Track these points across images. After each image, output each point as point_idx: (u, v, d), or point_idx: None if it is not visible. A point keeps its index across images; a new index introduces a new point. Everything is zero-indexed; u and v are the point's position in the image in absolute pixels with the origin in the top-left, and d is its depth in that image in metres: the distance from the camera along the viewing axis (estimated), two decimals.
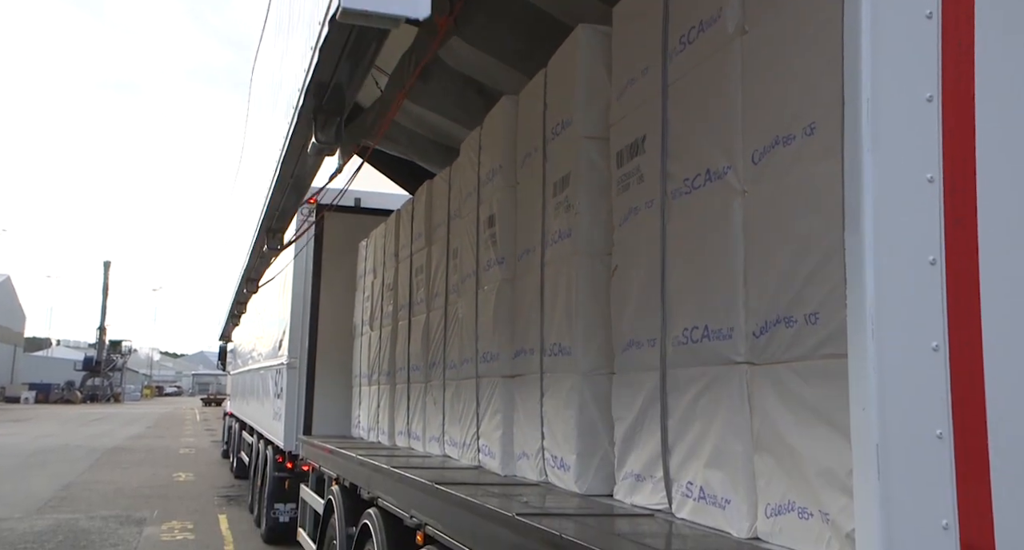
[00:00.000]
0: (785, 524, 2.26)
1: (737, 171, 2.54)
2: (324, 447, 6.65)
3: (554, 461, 3.61)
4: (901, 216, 1.44)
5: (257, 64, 5.35)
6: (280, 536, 9.75)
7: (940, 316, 1.44)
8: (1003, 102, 1.51)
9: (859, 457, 1.41)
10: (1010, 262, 1.49)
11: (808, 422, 2.18)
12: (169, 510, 12.46)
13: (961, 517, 1.40)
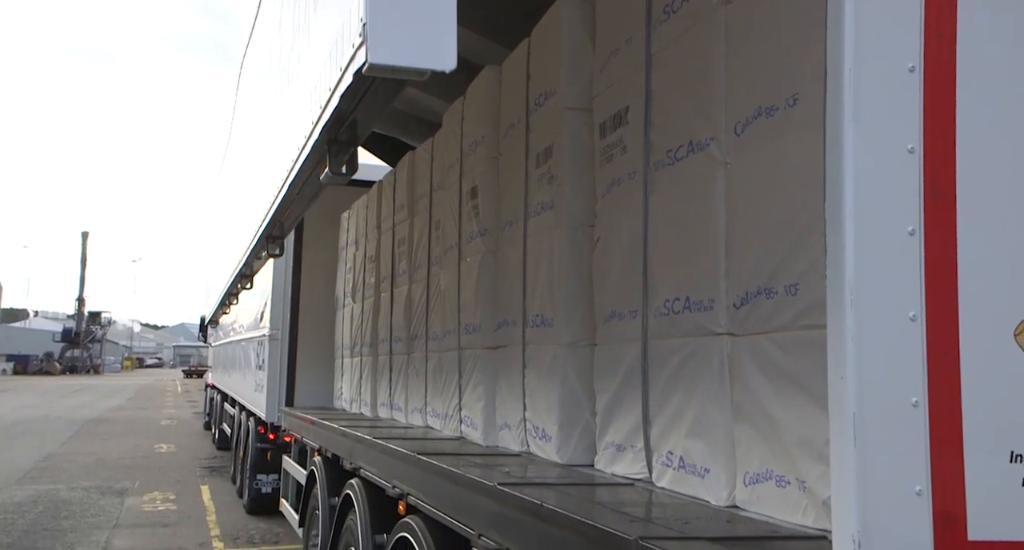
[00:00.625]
0: (763, 492, 2.30)
1: (720, 142, 2.54)
2: (306, 418, 6.66)
3: (536, 432, 3.64)
4: (881, 187, 1.45)
5: (252, 43, 5.10)
6: (263, 507, 9.80)
7: (918, 287, 1.45)
8: (984, 73, 1.52)
9: (836, 425, 1.43)
10: (987, 234, 1.50)
11: (787, 392, 2.20)
12: (151, 481, 12.47)
13: (934, 483, 1.42)
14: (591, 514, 2.31)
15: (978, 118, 1.51)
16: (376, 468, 4.43)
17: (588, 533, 2.14)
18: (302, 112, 2.41)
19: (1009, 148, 1.54)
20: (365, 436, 4.72)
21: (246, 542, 8.72)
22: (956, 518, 1.44)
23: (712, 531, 2.17)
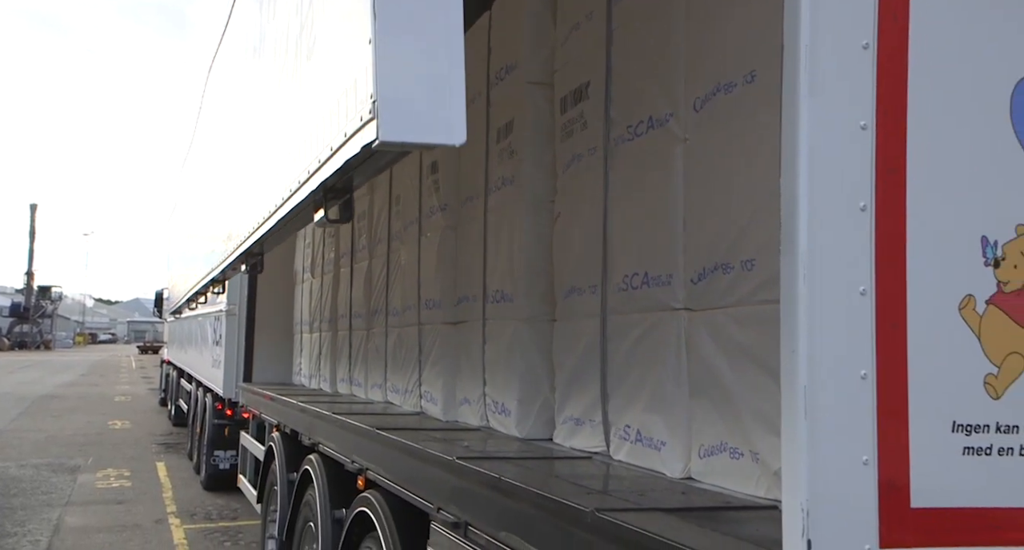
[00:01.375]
0: (717, 464, 2.34)
1: (679, 118, 2.55)
2: (265, 394, 6.61)
3: (495, 406, 3.66)
4: (834, 163, 1.46)
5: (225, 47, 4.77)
6: (220, 483, 9.73)
7: (868, 261, 1.48)
8: (935, 52, 1.54)
9: (787, 398, 1.46)
10: (935, 210, 1.53)
11: (742, 366, 2.24)
12: (104, 458, 12.29)
13: (880, 453, 1.46)
14: (549, 487, 2.33)
15: (928, 96, 1.54)
16: (335, 443, 4.42)
17: (546, 505, 2.16)
18: (295, 155, 2.29)
19: (957, 126, 1.57)
20: (324, 412, 4.70)
21: (203, 518, 8.67)
22: (900, 486, 1.48)
23: (667, 503, 2.21)
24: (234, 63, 3.98)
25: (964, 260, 1.55)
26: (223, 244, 4.43)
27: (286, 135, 2.42)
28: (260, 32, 3.19)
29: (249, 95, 3.37)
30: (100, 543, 7.54)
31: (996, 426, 1.54)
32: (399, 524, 3.37)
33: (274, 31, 2.80)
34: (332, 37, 1.84)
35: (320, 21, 1.99)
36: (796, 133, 1.45)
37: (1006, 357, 1.56)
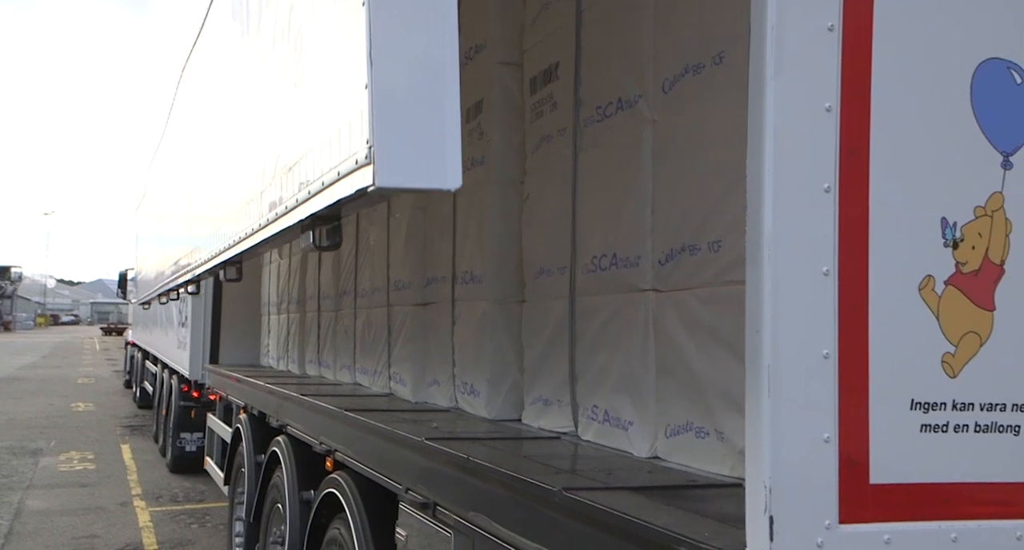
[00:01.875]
0: (683, 443, 2.37)
1: (648, 100, 2.56)
2: (232, 376, 6.56)
3: (465, 387, 3.67)
4: (800, 144, 1.48)
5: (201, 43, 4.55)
6: (187, 465, 9.67)
7: (832, 242, 1.50)
8: (899, 35, 1.56)
9: (751, 377, 1.48)
10: (896, 191, 1.56)
11: (708, 347, 2.27)
12: (67, 440, 12.14)
13: (841, 430, 1.49)
14: (517, 467, 2.35)
15: (892, 78, 1.55)
16: (303, 425, 4.40)
17: (514, 485, 2.18)
18: (281, 179, 2.19)
19: (920, 108, 1.59)
20: (292, 393, 4.68)
21: (169, 501, 8.61)
22: (859, 463, 1.51)
23: (633, 481, 2.23)
24: (211, 65, 3.82)
25: (924, 241, 1.58)
26: (196, 253, 4.29)
27: (271, 155, 2.32)
28: (240, 44, 3.05)
29: (230, 103, 3.22)
30: (63, 526, 7.46)
31: (952, 404, 1.58)
32: (368, 505, 3.38)
33: (257, 48, 2.66)
34: (324, 73, 1.77)
35: (311, 54, 1.91)
36: (762, 114, 1.46)
37: (963, 336, 1.59)
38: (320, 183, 1.69)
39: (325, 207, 1.72)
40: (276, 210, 2.17)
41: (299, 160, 1.91)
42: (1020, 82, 1.66)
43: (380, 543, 3.20)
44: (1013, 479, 1.64)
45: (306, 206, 1.84)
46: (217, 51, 3.35)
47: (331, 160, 1.62)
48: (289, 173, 2.02)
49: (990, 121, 1.62)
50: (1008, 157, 1.64)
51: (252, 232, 2.54)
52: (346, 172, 1.51)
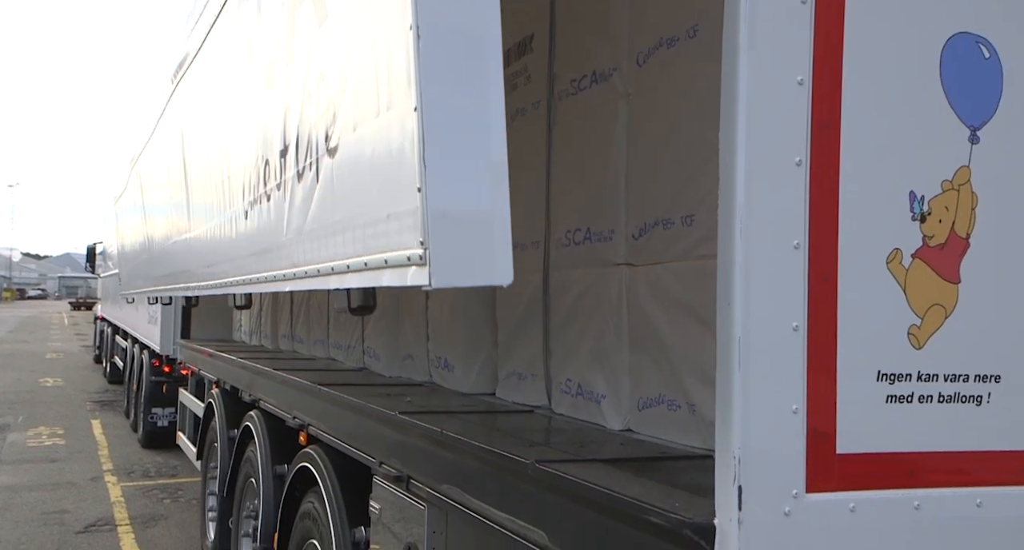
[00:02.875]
0: (656, 416, 2.40)
1: (622, 73, 2.55)
2: (204, 351, 6.51)
3: (439, 362, 3.67)
4: (771, 118, 1.48)
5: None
6: (159, 441, 9.62)
7: (802, 216, 1.52)
8: (871, 7, 1.57)
9: (722, 350, 1.50)
10: (867, 165, 1.57)
11: (680, 320, 2.28)
12: (36, 416, 12.01)
13: (809, 402, 1.52)
14: (490, 440, 2.36)
15: (863, 52, 1.56)
16: (276, 399, 4.39)
17: (487, 458, 2.19)
18: (312, 243, 2.09)
19: (890, 82, 1.60)
20: (265, 368, 4.66)
21: (141, 476, 8.57)
22: (827, 434, 1.54)
23: (606, 453, 2.25)
24: (226, 86, 3.29)
25: (893, 215, 1.60)
26: (197, 272, 4.04)
27: (297, 215, 2.19)
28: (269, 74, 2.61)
29: (252, 144, 2.78)
30: (33, 502, 7.40)
31: (918, 375, 1.61)
32: (341, 479, 3.39)
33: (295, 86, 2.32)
34: (371, 159, 1.70)
35: (351, 144, 1.81)
36: (734, 88, 1.47)
37: (929, 309, 1.62)
38: (362, 263, 1.68)
39: (368, 286, 1.71)
40: (305, 269, 2.10)
41: (336, 233, 1.85)
42: (988, 56, 1.68)
43: (354, 516, 3.22)
44: (974, 448, 1.68)
45: (344, 278, 1.82)
46: (234, 74, 3.06)
47: (376, 243, 1.61)
48: (322, 241, 1.96)
49: (958, 96, 1.64)
50: (975, 131, 1.66)
51: (270, 279, 2.43)
52: (396, 263, 1.50)
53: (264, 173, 2.44)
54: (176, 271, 4.46)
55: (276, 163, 2.31)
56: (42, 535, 6.40)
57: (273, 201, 2.35)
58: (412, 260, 1.42)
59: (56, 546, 6.16)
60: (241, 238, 2.79)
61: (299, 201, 2.11)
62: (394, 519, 2.84)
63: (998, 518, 1.67)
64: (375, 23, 1.59)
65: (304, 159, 2.05)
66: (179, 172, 4.03)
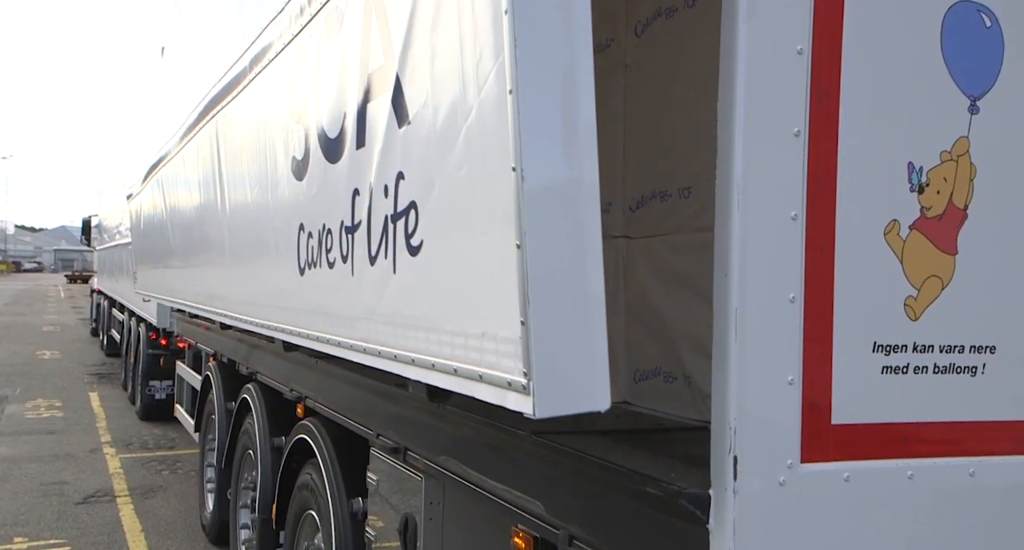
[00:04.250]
0: (652, 388, 2.41)
1: (620, 43, 2.52)
2: (201, 324, 6.50)
3: None
4: (770, 88, 1.47)
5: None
6: (156, 413, 9.65)
7: (800, 186, 1.51)
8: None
9: (719, 321, 1.50)
10: (865, 135, 1.56)
11: (677, 293, 2.29)
12: (33, 388, 12.04)
13: (805, 373, 1.52)
14: (487, 411, 2.37)
15: (863, 21, 1.54)
16: (273, 372, 4.39)
17: (484, 430, 2.20)
18: (387, 328, 2.07)
19: (890, 52, 1.59)
20: (262, 341, 4.66)
21: (140, 447, 8.61)
22: (822, 404, 1.55)
23: (602, 425, 2.26)
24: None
25: (891, 186, 1.59)
26: (232, 306, 3.92)
27: (372, 295, 2.13)
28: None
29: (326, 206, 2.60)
30: (32, 473, 7.44)
31: (913, 346, 1.61)
32: (338, 450, 3.40)
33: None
34: (460, 280, 1.69)
35: (438, 253, 1.79)
36: (733, 58, 1.45)
37: (925, 280, 1.62)
38: (451, 368, 1.69)
39: (457, 390, 1.71)
40: (379, 349, 2.08)
41: (417, 328, 1.85)
42: (990, 25, 1.66)
43: (351, 488, 3.24)
44: (968, 418, 1.69)
45: (427, 373, 1.81)
46: (287, 129, 2.89)
47: (467, 355, 1.63)
48: (400, 329, 1.95)
49: (959, 65, 1.62)
50: (975, 102, 1.65)
51: (335, 343, 2.39)
52: (493, 382, 1.52)
53: (324, 240, 2.43)
54: (210, 294, 4.39)
55: (340, 236, 2.29)
56: (41, 506, 6.45)
57: (336, 271, 2.33)
58: (514, 386, 1.45)
59: (56, 517, 6.21)
60: (294, 292, 2.76)
61: (370, 283, 2.09)
62: (391, 490, 2.86)
63: (991, 487, 1.69)
64: (475, 157, 1.57)
65: (377, 246, 2.03)
66: (215, 201, 3.93)
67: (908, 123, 1.60)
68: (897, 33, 1.58)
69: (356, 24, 2.08)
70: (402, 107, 1.86)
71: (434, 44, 1.68)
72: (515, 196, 1.39)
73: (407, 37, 1.80)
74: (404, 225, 1.88)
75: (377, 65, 1.98)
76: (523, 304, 1.39)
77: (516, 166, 1.38)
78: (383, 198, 1.99)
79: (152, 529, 6.03)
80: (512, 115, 1.38)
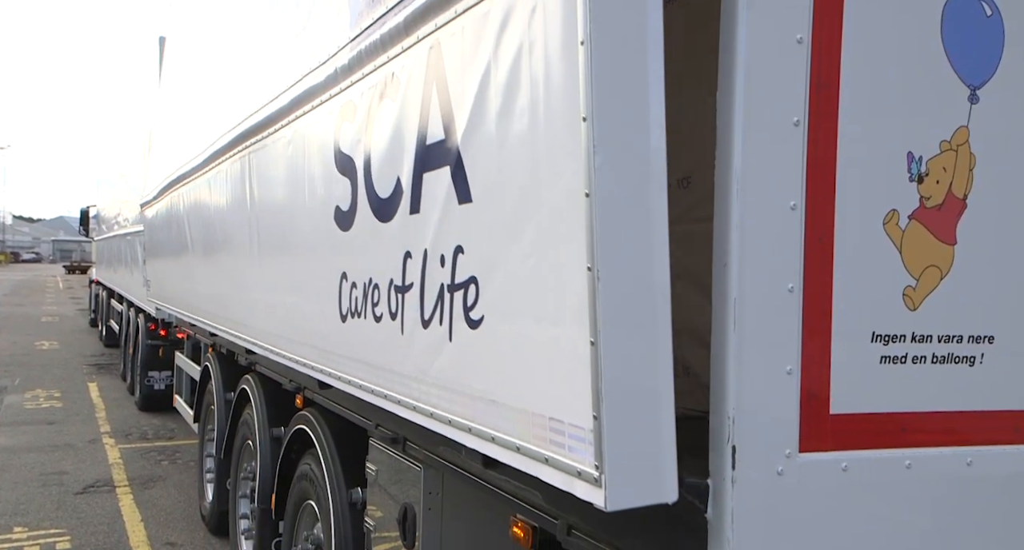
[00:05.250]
0: None
1: None
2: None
3: None
4: (770, 77, 1.47)
5: None
6: (156, 403, 9.67)
7: (799, 176, 1.51)
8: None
9: (717, 311, 1.50)
10: (864, 125, 1.56)
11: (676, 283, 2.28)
12: (33, 378, 12.05)
13: (803, 363, 1.53)
14: None
15: (864, 10, 1.54)
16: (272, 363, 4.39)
17: None
18: (444, 393, 2.05)
19: (890, 41, 1.58)
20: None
21: (139, 438, 8.63)
22: (820, 394, 1.55)
23: None
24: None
25: (890, 175, 1.59)
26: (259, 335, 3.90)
27: (417, 351, 2.12)
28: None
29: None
30: (31, 463, 7.46)
31: (912, 336, 1.62)
32: (338, 441, 3.41)
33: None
34: (524, 362, 1.68)
35: (501, 332, 1.77)
36: (733, 47, 1.44)
37: (924, 270, 1.62)
38: (513, 445, 1.69)
39: (518, 467, 1.71)
40: (431, 411, 2.07)
41: (475, 398, 1.84)
42: (990, 14, 1.65)
43: (351, 478, 3.24)
44: (966, 408, 1.69)
45: (487, 445, 1.80)
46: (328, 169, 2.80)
47: (531, 434, 1.63)
48: (456, 396, 1.94)
49: (959, 54, 1.62)
50: (975, 91, 1.64)
51: (381, 395, 2.38)
52: (561, 468, 1.53)
53: (370, 293, 2.41)
54: (234, 319, 4.38)
55: (389, 293, 2.27)
56: (41, 496, 6.46)
57: (384, 326, 2.31)
58: (584, 476, 1.46)
59: (55, 506, 6.22)
60: (334, 337, 2.75)
61: (423, 346, 2.07)
62: (390, 480, 2.86)
63: (988, 476, 1.70)
64: (546, 251, 1.56)
65: (431, 311, 2.02)
66: (245, 233, 3.89)
67: (908, 112, 1.60)
68: (897, 22, 1.58)
69: (415, 94, 2.05)
70: (464, 185, 1.85)
71: (503, 133, 1.67)
72: (589, 295, 1.41)
73: (472, 118, 1.78)
74: (463, 297, 1.87)
75: (436, 139, 1.96)
76: (596, 399, 1.41)
77: (592, 267, 1.40)
78: (439, 267, 1.97)
79: (151, 519, 6.04)
80: (588, 218, 1.40)
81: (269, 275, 3.62)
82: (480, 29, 1.73)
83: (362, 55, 2.38)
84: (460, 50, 1.83)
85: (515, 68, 1.61)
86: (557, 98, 1.48)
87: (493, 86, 1.70)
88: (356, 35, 2.46)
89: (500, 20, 1.65)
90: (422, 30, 2.00)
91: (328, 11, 2.78)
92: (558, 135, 1.48)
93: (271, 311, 3.59)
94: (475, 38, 1.75)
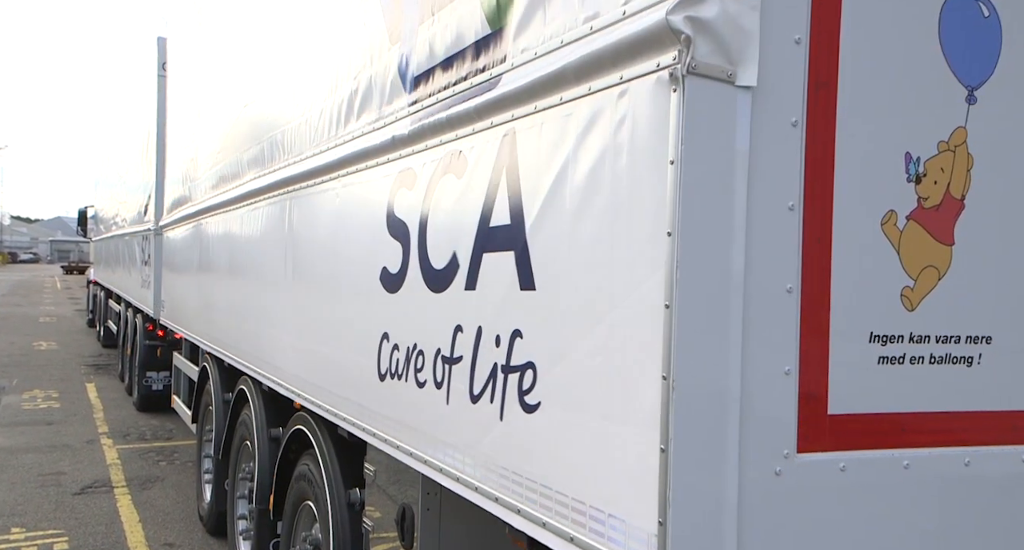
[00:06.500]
0: None
1: None
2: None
3: None
4: (767, 76, 1.47)
5: None
6: (154, 404, 9.65)
7: (798, 177, 1.51)
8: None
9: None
10: (863, 126, 1.56)
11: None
12: (30, 379, 12.03)
13: (801, 364, 1.53)
14: None
15: (862, 10, 1.54)
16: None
17: None
18: (494, 473, 2.02)
19: (888, 42, 1.58)
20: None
21: (137, 438, 8.62)
22: (818, 395, 1.55)
23: None
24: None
25: (888, 176, 1.59)
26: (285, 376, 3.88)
27: (464, 424, 2.11)
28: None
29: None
30: (29, 463, 7.45)
31: (910, 336, 1.62)
32: (336, 441, 3.41)
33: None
34: (582, 453, 1.67)
35: (558, 420, 1.77)
36: None
37: (922, 270, 1.62)
38: (567, 534, 1.68)
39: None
40: (476, 484, 2.04)
41: (523, 484, 1.84)
42: (988, 15, 1.65)
43: (349, 478, 3.24)
44: (964, 408, 1.69)
45: (535, 529, 1.78)
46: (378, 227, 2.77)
47: (589, 528, 1.63)
48: (504, 477, 1.92)
49: (957, 55, 1.62)
50: (973, 91, 1.64)
51: (420, 459, 2.37)
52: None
53: (413, 358, 2.41)
54: (260, 358, 4.34)
55: (435, 362, 2.26)
56: (39, 496, 6.45)
57: (427, 393, 2.30)
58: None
59: (53, 507, 6.21)
60: (370, 393, 2.73)
61: (470, 422, 2.07)
62: (389, 481, 2.86)
63: (986, 476, 1.70)
64: (615, 351, 1.57)
65: (482, 388, 2.02)
66: (280, 275, 3.87)
67: (906, 113, 1.60)
68: (895, 23, 1.58)
69: (483, 176, 2.05)
70: (527, 272, 1.84)
71: (577, 231, 1.67)
72: (662, 403, 1.43)
73: (543, 210, 1.78)
74: (518, 380, 1.86)
75: (501, 223, 1.96)
76: (662, 504, 1.42)
77: (667, 376, 1.42)
78: (493, 346, 1.97)
79: (149, 520, 6.03)
80: (665, 329, 1.42)
81: (304, 320, 3.59)
82: (562, 127, 1.73)
83: (425, 129, 2.37)
84: (537, 144, 1.82)
85: (595, 172, 1.62)
86: (641, 210, 1.50)
87: (570, 184, 1.70)
88: (417, 108, 2.46)
89: (584, 124, 1.66)
90: (497, 118, 1.99)
91: (383, 77, 2.76)
92: (640, 245, 1.50)
93: (305, 356, 3.58)
94: (555, 135, 1.75)
